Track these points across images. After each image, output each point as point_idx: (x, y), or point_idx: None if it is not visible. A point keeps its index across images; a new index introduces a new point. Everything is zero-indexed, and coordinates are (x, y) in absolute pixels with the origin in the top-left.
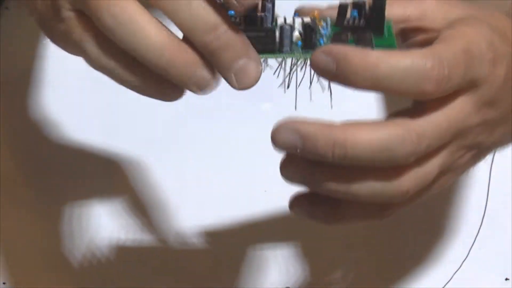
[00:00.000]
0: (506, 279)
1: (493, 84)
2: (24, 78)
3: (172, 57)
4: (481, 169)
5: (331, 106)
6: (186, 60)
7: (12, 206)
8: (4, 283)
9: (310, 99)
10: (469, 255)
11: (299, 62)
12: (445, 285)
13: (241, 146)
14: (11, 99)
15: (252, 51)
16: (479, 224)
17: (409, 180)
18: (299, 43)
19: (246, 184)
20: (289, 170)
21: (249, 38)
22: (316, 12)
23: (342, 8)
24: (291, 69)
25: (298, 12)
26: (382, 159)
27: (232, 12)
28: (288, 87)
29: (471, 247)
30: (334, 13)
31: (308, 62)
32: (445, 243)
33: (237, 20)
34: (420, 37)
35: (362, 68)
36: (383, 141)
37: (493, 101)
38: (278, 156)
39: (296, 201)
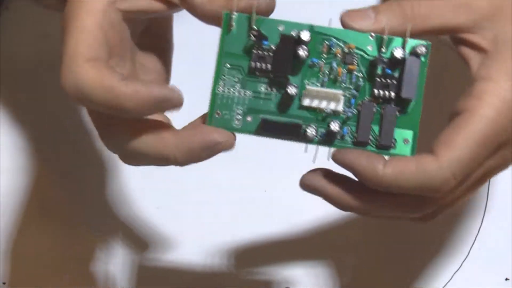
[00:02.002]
0: (506, 279)
1: None
2: (24, 78)
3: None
4: None
5: None
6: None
7: (12, 206)
8: (4, 283)
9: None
10: (469, 255)
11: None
12: (445, 285)
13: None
14: (11, 99)
15: None
16: (479, 224)
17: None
18: (322, 135)
19: (246, 184)
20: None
21: (274, 122)
22: (352, 46)
23: (375, 64)
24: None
25: (343, 26)
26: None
27: (266, 43)
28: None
29: (471, 247)
30: (379, 28)
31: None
32: (445, 243)
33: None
34: (466, 50)
35: (376, 186)
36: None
37: None
38: (278, 156)
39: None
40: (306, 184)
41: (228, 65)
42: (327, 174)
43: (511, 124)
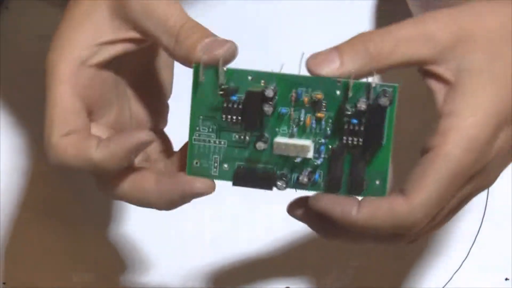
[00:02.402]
0: (506, 279)
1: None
2: (24, 78)
3: None
4: None
5: None
6: None
7: (12, 206)
8: (4, 283)
9: None
10: (469, 255)
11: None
12: (445, 285)
13: None
14: (11, 99)
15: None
16: (479, 224)
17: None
18: (294, 182)
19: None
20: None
21: (246, 173)
22: (319, 96)
23: (342, 113)
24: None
25: (310, 72)
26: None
27: (235, 97)
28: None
29: (471, 247)
30: (345, 73)
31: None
32: (445, 243)
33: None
34: (431, 82)
35: (351, 229)
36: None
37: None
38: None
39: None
40: (292, 214)
41: (201, 117)
42: (306, 205)
43: (479, 158)
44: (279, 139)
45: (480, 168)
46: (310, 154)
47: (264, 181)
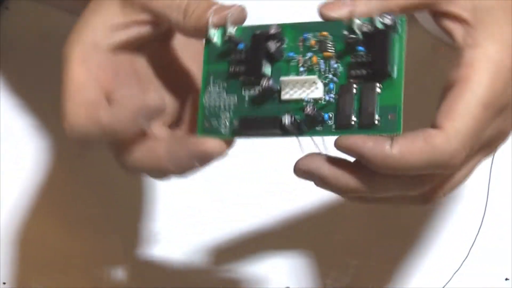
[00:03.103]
0: (506, 279)
1: None
2: (25, 78)
3: None
4: (481, 169)
5: None
6: None
7: (12, 206)
8: (4, 283)
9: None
10: (469, 255)
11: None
12: (445, 285)
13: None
14: (11, 99)
15: None
16: (479, 224)
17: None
18: (304, 125)
19: (246, 184)
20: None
21: (252, 119)
22: (325, 33)
23: (348, 44)
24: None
25: (322, 17)
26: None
27: (242, 46)
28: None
29: (471, 247)
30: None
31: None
32: (445, 243)
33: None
34: (448, 23)
35: (385, 168)
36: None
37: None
38: (277, 156)
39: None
40: (301, 169)
41: (212, 76)
42: (323, 156)
43: (506, 87)
44: (285, 77)
45: (507, 101)
46: (320, 92)
47: (269, 122)
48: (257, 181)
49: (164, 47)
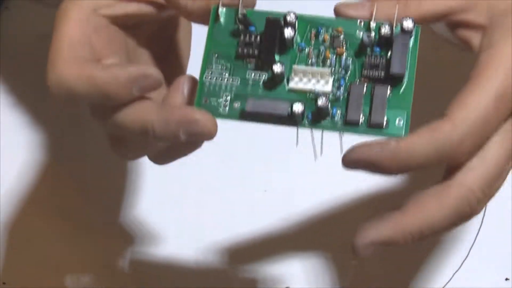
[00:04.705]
0: (506, 279)
1: None
2: (25, 78)
3: None
4: None
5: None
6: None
7: (12, 206)
8: (4, 283)
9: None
10: (469, 255)
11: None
12: (445, 285)
13: (241, 145)
14: (11, 99)
15: None
16: (479, 224)
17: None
18: (310, 116)
19: (246, 184)
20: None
21: (258, 102)
22: (340, 29)
23: (363, 45)
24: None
25: (337, 14)
26: (455, 223)
27: (253, 28)
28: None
29: (471, 247)
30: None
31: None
32: (445, 243)
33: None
34: (465, 32)
35: (395, 166)
36: (454, 213)
37: None
38: (278, 156)
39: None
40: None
41: (216, 55)
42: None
43: None
44: (298, 66)
45: None
46: (329, 86)
47: (277, 108)
48: (255, 181)
49: (163, 32)
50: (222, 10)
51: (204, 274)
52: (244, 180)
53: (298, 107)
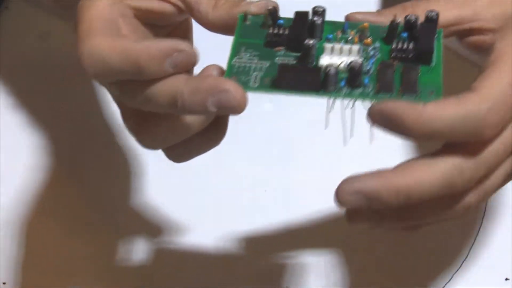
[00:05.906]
0: (506, 279)
1: None
2: (25, 78)
3: None
4: None
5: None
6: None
7: (12, 206)
8: (4, 283)
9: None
10: (469, 255)
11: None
12: (445, 285)
13: (241, 145)
14: (11, 99)
15: None
16: (479, 224)
17: (472, 197)
18: (342, 83)
19: (246, 184)
20: (357, 221)
21: (289, 72)
22: (366, 24)
23: (392, 29)
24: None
25: (348, 19)
26: (444, 192)
27: (281, 21)
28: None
29: (471, 247)
30: (384, 20)
31: (351, 102)
32: (445, 243)
33: (281, 38)
34: (476, 38)
35: (418, 127)
36: (443, 178)
37: None
38: (278, 156)
39: (357, 219)
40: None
41: (245, 46)
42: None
43: None
44: (328, 44)
45: None
46: (360, 60)
47: (310, 73)
48: (255, 181)
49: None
50: (249, 18)
51: (204, 274)
52: (244, 180)
53: (331, 70)
